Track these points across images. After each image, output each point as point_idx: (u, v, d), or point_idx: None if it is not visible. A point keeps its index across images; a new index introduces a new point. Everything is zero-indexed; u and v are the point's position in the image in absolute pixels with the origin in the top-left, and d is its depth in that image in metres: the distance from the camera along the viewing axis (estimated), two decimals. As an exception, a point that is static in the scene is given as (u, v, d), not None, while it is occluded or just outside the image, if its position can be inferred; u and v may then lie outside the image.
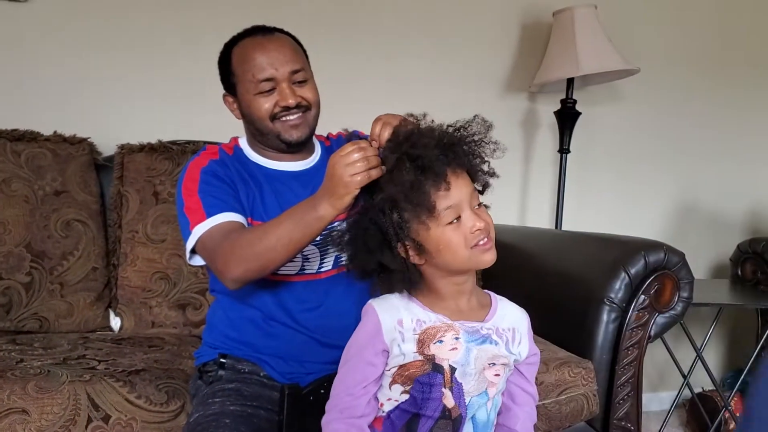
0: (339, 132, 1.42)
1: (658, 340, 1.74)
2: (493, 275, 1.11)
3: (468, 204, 0.97)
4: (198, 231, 1.18)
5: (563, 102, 2.35)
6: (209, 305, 1.47)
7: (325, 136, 1.45)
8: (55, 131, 1.87)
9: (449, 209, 0.95)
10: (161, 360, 1.50)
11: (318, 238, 1.11)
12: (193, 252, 1.22)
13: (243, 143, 1.35)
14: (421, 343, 0.96)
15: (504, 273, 1.45)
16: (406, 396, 0.97)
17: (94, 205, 1.86)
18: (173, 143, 1.95)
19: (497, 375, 1.00)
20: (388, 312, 0.98)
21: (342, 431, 0.96)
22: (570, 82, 2.32)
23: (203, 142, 1.92)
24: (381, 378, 0.99)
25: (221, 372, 1.25)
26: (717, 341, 2.84)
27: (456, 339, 0.97)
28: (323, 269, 1.28)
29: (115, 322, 1.82)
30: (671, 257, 1.63)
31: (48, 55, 2.05)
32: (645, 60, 2.45)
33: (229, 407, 1.15)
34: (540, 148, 2.58)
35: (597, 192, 2.65)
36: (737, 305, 2.33)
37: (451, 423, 0.96)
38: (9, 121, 1.86)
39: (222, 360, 1.26)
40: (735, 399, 2.41)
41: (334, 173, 0.99)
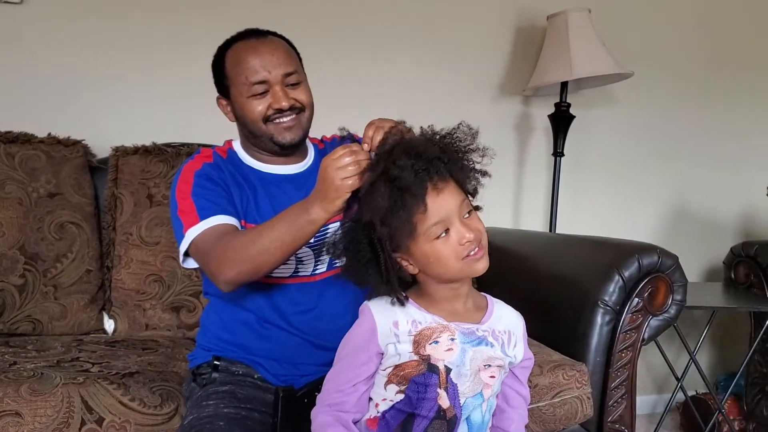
0: (333, 134, 1.42)
1: (651, 342, 1.75)
2: (487, 278, 1.11)
3: (457, 215, 0.95)
4: (191, 234, 1.18)
5: (557, 105, 2.35)
6: (203, 308, 1.47)
7: (319, 138, 1.46)
8: (50, 133, 1.87)
9: (437, 225, 0.94)
10: (155, 362, 1.50)
11: (312, 240, 1.11)
12: (187, 255, 1.22)
13: (237, 146, 1.35)
14: (417, 344, 0.97)
15: (498, 276, 1.45)
16: (401, 396, 0.97)
17: (88, 208, 1.86)
18: (168, 146, 1.95)
19: (492, 377, 1.00)
20: (383, 313, 0.99)
21: (327, 423, 0.97)
22: (564, 85, 2.32)
23: (198, 144, 1.93)
24: (373, 377, 0.99)
25: (215, 374, 1.25)
26: (710, 344, 2.85)
27: (452, 340, 0.97)
28: (318, 271, 1.29)
29: (109, 324, 1.82)
30: (665, 260, 1.64)
31: (44, 57, 2.04)
32: (638, 64, 2.46)
33: (223, 409, 1.14)
34: (534, 151, 2.59)
35: (591, 195, 2.66)
36: (730, 308, 2.33)
37: (446, 423, 0.96)
38: (3, 123, 1.85)
39: (216, 362, 1.26)
40: (728, 402, 2.42)
41: (325, 177, 0.99)
